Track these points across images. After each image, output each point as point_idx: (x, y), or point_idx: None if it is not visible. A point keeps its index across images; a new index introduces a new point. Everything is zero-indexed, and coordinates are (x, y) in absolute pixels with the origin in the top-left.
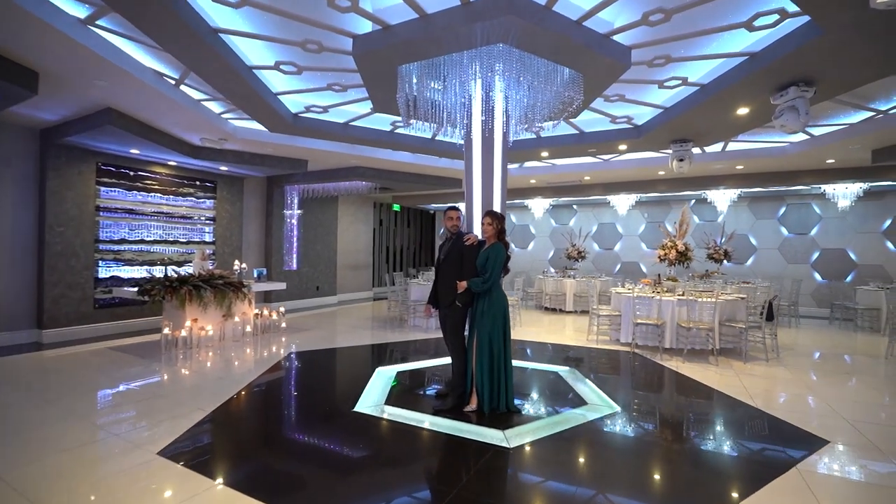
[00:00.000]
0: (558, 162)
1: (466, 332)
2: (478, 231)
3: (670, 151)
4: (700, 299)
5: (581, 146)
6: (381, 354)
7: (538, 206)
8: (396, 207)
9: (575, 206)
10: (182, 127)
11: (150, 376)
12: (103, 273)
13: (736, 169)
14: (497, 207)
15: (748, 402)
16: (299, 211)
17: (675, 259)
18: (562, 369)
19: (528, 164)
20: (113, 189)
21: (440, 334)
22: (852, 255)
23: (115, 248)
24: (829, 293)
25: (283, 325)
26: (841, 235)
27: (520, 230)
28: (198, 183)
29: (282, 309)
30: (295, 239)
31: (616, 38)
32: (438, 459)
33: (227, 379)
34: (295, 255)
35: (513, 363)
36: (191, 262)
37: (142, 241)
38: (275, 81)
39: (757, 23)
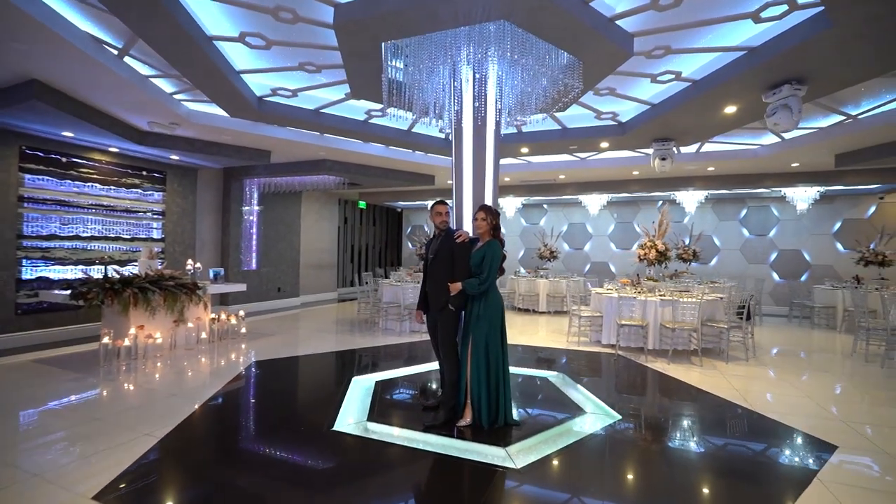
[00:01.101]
0: (534, 159)
1: (459, 338)
2: (467, 227)
3: (651, 150)
4: (683, 299)
5: (563, 142)
6: (355, 362)
7: (510, 204)
8: (362, 205)
9: (546, 206)
10: (126, 107)
11: (86, 394)
12: (28, 274)
13: (707, 170)
14: (488, 202)
15: (746, 406)
16: (259, 207)
17: (656, 259)
18: (550, 374)
19: (503, 160)
20: (41, 177)
21: (416, 338)
22: (807, 256)
23: (44, 244)
24: (787, 292)
25: (244, 330)
26: (796, 237)
27: None
28: (144, 173)
29: (242, 313)
30: (254, 237)
31: (618, 23)
32: (440, 485)
33: (181, 395)
34: (254, 254)
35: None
36: (136, 261)
37: (76, 238)
38: (238, 57)
39: (765, 13)
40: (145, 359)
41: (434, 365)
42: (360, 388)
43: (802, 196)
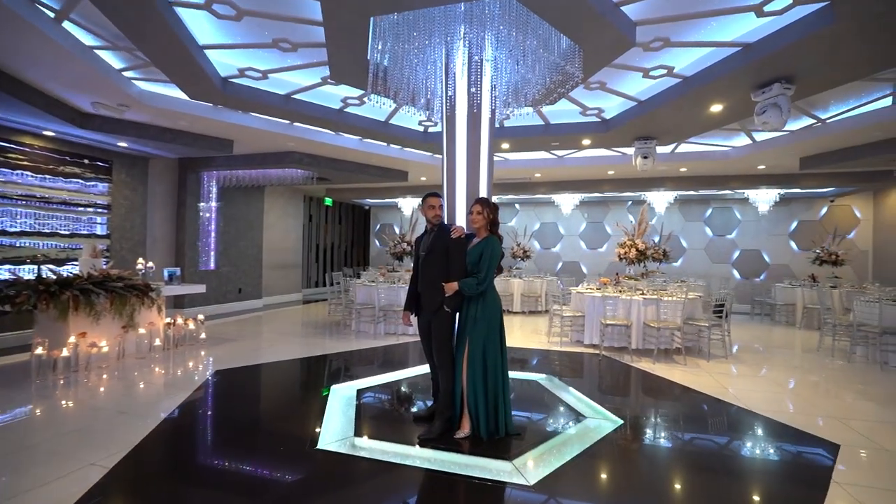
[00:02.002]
0: (512, 157)
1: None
2: (460, 222)
3: (632, 149)
4: (665, 298)
5: (545, 139)
6: (331, 368)
7: None
8: (328, 202)
9: (517, 205)
10: (65, 84)
11: (13, 415)
12: None
13: (680, 171)
14: (483, 195)
15: (743, 407)
16: (218, 202)
17: (636, 258)
18: (538, 377)
19: None
20: None
21: (392, 341)
22: (765, 256)
23: None
24: (749, 290)
25: (203, 335)
26: (756, 237)
27: None
28: (87, 161)
29: (201, 317)
30: (213, 234)
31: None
32: None
33: (132, 413)
34: (213, 253)
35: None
36: (76, 260)
37: (3, 233)
38: (202, 28)
39: (768, 7)
40: (88, 371)
41: (419, 370)
42: (341, 399)
43: (765, 198)
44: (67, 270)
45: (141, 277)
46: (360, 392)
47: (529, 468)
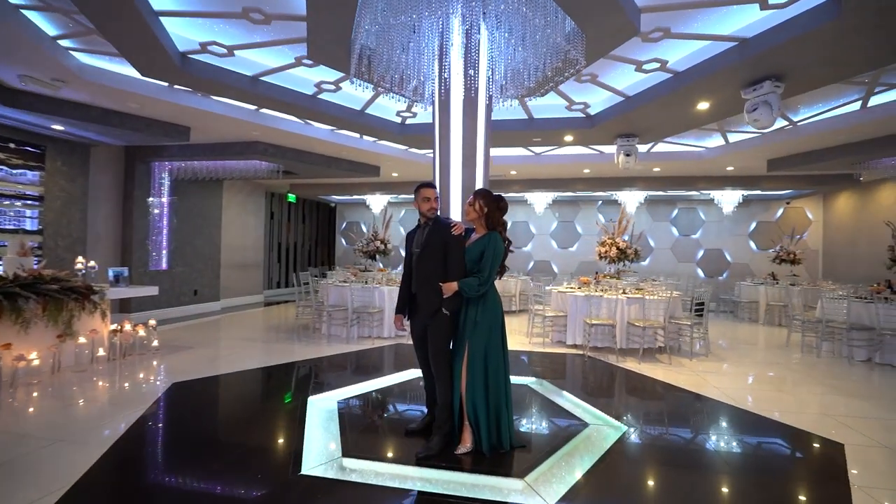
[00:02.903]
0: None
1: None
2: (455, 216)
3: (614, 147)
4: (648, 297)
5: (528, 134)
6: (304, 378)
7: None
8: (292, 198)
9: None
10: None
11: None
12: None
13: (653, 171)
14: (479, 186)
15: (738, 406)
16: (170, 197)
17: (616, 256)
18: (529, 380)
19: None
20: None
21: (367, 345)
22: (727, 255)
23: None
24: (713, 288)
25: (156, 343)
26: (719, 237)
27: None
28: (13, 146)
29: (153, 322)
30: (165, 231)
31: None
32: None
33: (71, 441)
34: (165, 252)
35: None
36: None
37: None
38: None
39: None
40: (14, 389)
41: (403, 375)
42: (321, 412)
43: (729, 199)
44: None
45: (81, 279)
46: (341, 404)
47: (544, 485)
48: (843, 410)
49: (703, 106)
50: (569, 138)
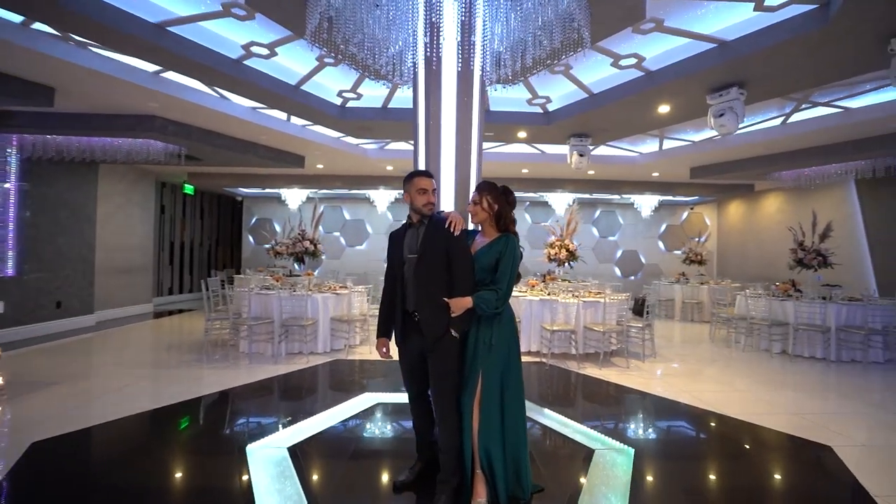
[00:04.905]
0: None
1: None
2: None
3: (566, 147)
4: (603, 300)
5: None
6: (233, 417)
7: (382, 198)
8: (188, 189)
9: None
10: None
11: None
12: None
13: (588, 173)
14: (473, 178)
15: (720, 413)
16: (18, 182)
17: (566, 258)
18: None
19: (392, 145)
20: None
21: (301, 363)
22: (641, 256)
23: None
24: (633, 288)
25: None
26: (634, 239)
27: (353, 226)
28: None
29: None
30: (11, 226)
31: None
32: None
33: None
34: (12, 253)
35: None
36: None
37: None
38: None
39: (769, 1)
40: None
41: (363, 401)
42: (269, 467)
43: (648, 203)
44: None
45: None
46: (294, 452)
47: None
48: (803, 407)
49: (664, 109)
50: (522, 134)
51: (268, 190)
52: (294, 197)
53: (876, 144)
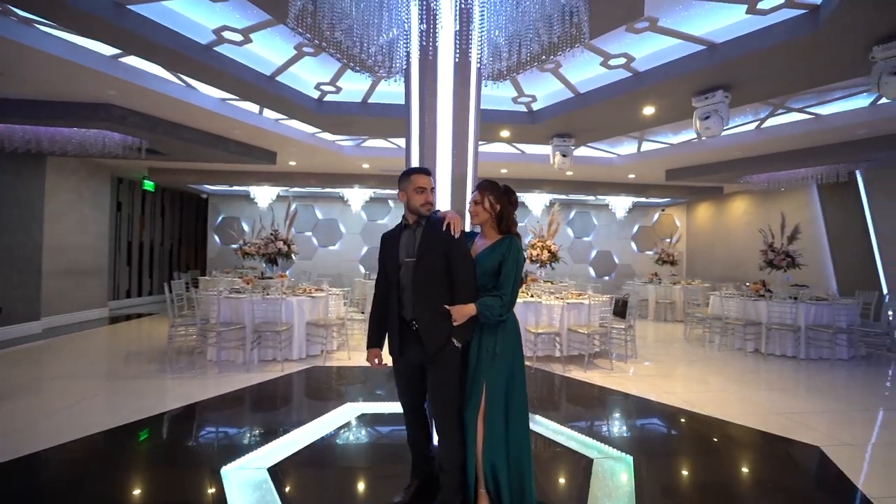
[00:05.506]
0: (402, 142)
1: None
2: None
3: (549, 147)
4: (586, 302)
5: None
6: (204, 434)
7: (357, 197)
8: (149, 185)
9: (391, 202)
10: None
11: None
12: None
13: (566, 174)
14: (470, 177)
15: (710, 415)
16: None
17: (548, 259)
18: None
19: (369, 143)
20: None
21: (275, 372)
22: (615, 257)
23: None
24: (608, 288)
25: None
26: (608, 240)
27: (325, 225)
28: None
29: None
30: None
31: None
32: None
33: None
34: None
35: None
36: None
37: None
38: None
39: (760, 4)
40: None
41: (345, 412)
42: (248, 492)
43: (622, 205)
44: None
45: None
46: (274, 474)
47: None
48: (782, 407)
49: (649, 110)
50: (505, 133)
51: (235, 187)
52: (264, 195)
53: (844, 150)
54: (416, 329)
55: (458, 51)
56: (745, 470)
